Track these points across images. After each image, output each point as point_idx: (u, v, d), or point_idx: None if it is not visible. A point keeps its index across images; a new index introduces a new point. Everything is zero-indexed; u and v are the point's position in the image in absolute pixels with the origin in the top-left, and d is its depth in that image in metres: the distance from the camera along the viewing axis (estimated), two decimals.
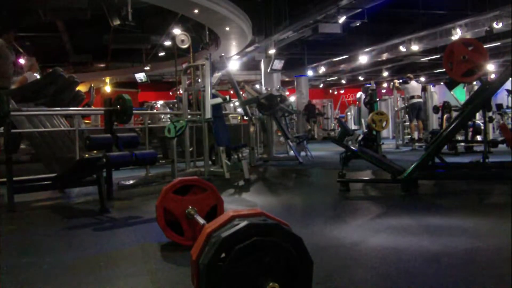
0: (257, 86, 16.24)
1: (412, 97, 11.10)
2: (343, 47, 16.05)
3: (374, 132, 7.93)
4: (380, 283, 2.18)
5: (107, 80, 20.25)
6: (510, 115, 12.71)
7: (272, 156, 8.73)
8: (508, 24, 10.96)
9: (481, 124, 8.70)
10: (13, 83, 6.41)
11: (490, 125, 10.76)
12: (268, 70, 15.13)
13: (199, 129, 6.95)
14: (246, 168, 6.01)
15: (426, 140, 9.94)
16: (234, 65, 16.43)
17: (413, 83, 11.29)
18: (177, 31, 10.57)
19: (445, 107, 9.71)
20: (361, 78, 22.81)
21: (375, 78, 21.89)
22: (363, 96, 12.23)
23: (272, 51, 14.47)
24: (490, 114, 9.56)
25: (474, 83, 8.88)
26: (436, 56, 16.24)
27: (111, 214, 3.98)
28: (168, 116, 11.12)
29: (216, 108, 6.42)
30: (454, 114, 9.23)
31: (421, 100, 11.17)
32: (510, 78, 5.01)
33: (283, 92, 10.90)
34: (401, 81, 12.34)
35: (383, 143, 8.51)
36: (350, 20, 11.65)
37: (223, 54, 7.69)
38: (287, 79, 21.72)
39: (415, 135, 11.22)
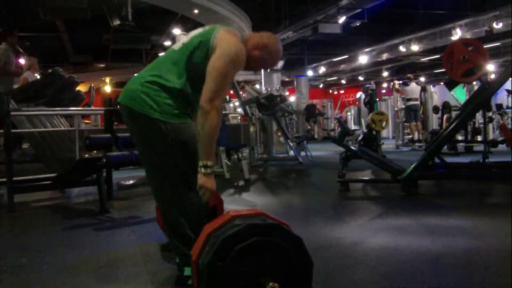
0: (257, 86, 16.22)
1: (409, 99, 11.27)
2: (343, 47, 16.01)
3: (374, 132, 7.92)
4: (380, 283, 2.18)
5: (107, 80, 20.19)
6: (510, 115, 12.70)
7: (272, 156, 8.72)
8: (508, 24, 10.95)
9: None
10: (16, 84, 6.41)
11: (490, 125, 10.75)
12: (268, 70, 15.11)
13: None
14: (246, 168, 6.00)
15: (426, 140, 9.94)
16: None
17: (412, 85, 11.38)
18: (177, 31, 10.57)
19: (445, 107, 9.71)
20: (361, 78, 22.77)
21: (375, 78, 21.84)
22: (363, 96, 12.23)
23: None
24: (490, 114, 9.55)
25: (474, 83, 8.87)
26: (436, 56, 16.21)
27: (111, 214, 3.98)
28: None
29: None
30: (454, 114, 9.23)
31: (417, 102, 11.31)
32: (510, 78, 5.02)
33: (283, 92, 10.89)
34: (401, 82, 12.34)
35: (383, 143, 8.50)
36: (350, 20, 11.65)
37: None
38: (287, 79, 21.67)
39: (416, 135, 11.27)
